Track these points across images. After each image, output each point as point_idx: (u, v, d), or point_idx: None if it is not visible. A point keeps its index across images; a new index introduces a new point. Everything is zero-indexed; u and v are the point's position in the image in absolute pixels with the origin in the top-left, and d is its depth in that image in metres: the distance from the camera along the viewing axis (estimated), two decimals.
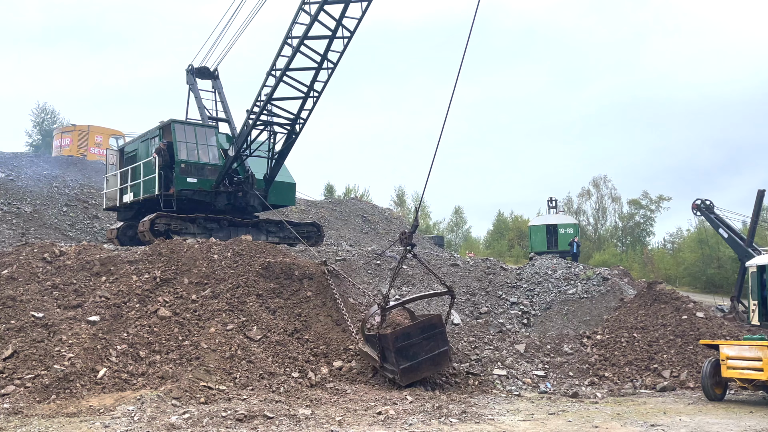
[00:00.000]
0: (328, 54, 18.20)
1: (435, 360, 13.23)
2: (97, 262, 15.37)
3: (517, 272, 21.46)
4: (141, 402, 10.33)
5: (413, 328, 13.38)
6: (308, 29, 17.67)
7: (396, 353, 12.78)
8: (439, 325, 13.45)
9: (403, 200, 75.32)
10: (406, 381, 12.84)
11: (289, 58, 18.17)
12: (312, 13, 17.54)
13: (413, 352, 12.95)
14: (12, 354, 11.59)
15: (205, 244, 16.94)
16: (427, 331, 13.28)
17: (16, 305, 13.10)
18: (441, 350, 13.28)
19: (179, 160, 20.05)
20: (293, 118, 19.53)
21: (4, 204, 25.64)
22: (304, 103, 19.11)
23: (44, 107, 63.33)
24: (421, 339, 13.10)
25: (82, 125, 41.23)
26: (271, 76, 18.71)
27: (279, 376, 12.77)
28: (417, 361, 12.94)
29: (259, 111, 19.08)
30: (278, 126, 19.84)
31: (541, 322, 18.40)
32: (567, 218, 48.01)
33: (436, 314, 14.26)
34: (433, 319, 13.67)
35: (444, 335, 13.52)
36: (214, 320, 14.00)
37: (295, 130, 19.87)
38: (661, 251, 62.90)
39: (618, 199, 71.48)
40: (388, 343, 12.86)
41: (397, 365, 12.78)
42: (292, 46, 18.13)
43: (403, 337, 13.00)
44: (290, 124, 19.73)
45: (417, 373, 13.01)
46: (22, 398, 10.55)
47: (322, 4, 17.33)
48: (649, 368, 15.58)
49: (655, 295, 18.15)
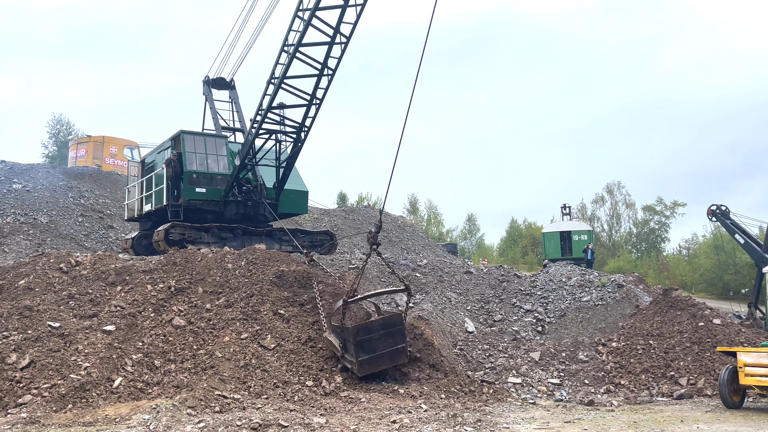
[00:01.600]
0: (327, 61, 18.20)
1: (392, 355, 13.92)
2: (112, 272, 15.49)
3: (531, 279, 21.37)
4: (156, 411, 10.37)
5: (374, 324, 14.03)
6: (302, 36, 17.70)
7: (356, 346, 13.45)
8: (398, 324, 14.14)
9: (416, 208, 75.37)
10: (363, 372, 13.52)
11: (285, 65, 18.20)
12: (305, 19, 17.57)
13: (372, 347, 13.61)
14: (29, 363, 11.68)
15: (219, 253, 17.03)
16: (387, 327, 13.95)
17: (33, 315, 13.23)
18: (399, 346, 13.98)
19: (187, 170, 20.23)
20: (297, 126, 19.59)
21: (20, 215, 25.92)
22: (308, 110, 19.16)
23: (60, 118, 64.04)
24: (380, 335, 13.77)
25: (97, 136, 41.63)
26: (271, 84, 18.75)
27: (293, 384, 12.77)
28: (375, 355, 13.62)
29: (261, 120, 19.15)
30: (282, 134, 19.90)
31: (555, 330, 18.30)
32: (581, 225, 47.76)
33: (397, 312, 14.90)
34: (393, 317, 14.36)
35: (403, 333, 14.16)
36: (229, 329, 14.05)
37: (300, 138, 19.90)
38: (677, 257, 62.42)
39: (632, 205, 71.12)
40: (350, 336, 13.51)
41: (356, 357, 13.41)
42: (288, 54, 18.19)
43: (364, 331, 13.65)
44: (295, 132, 19.78)
45: (374, 365, 13.68)
46: (39, 408, 10.62)
47: (314, 10, 17.40)
48: (666, 376, 15.44)
49: (671, 302, 18.00)
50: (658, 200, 69.26)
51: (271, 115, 19.11)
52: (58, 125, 63.83)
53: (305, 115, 19.28)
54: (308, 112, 19.22)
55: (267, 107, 18.86)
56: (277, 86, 18.42)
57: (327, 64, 18.20)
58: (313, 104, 18.95)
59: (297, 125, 19.57)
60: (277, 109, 19.25)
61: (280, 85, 18.36)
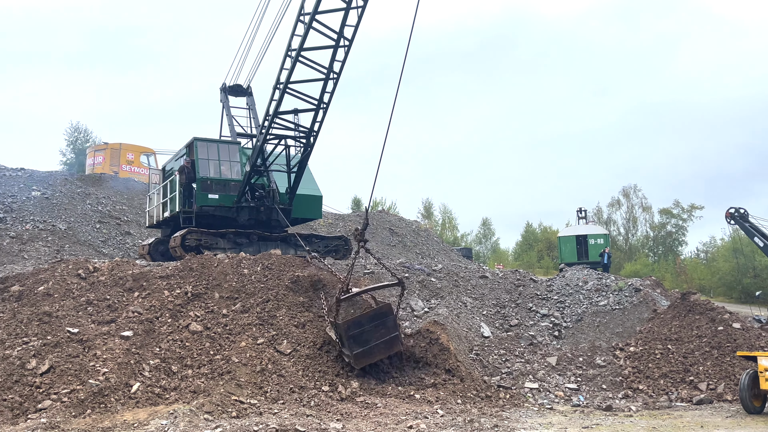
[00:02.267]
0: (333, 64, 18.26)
1: (387, 345, 14.25)
2: (129, 278, 15.61)
3: (548, 284, 21.25)
4: (174, 416, 10.42)
5: (364, 317, 14.31)
6: (303, 40, 17.77)
7: (349, 340, 13.86)
8: (389, 313, 14.44)
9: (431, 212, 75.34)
10: (360, 365, 13.91)
11: (288, 70, 18.28)
12: (306, 22, 17.63)
13: (365, 339, 13.96)
14: (48, 369, 11.80)
15: (235, 258, 17.11)
16: (378, 319, 14.25)
17: (52, 321, 13.36)
18: (392, 336, 14.30)
19: (200, 177, 20.39)
20: (305, 130, 19.64)
21: (39, 221, 26.22)
22: (315, 114, 19.21)
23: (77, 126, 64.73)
24: (372, 326, 14.10)
25: (114, 143, 42.11)
26: (277, 89, 18.85)
27: (309, 389, 12.79)
28: (369, 347, 13.97)
29: (268, 125, 19.21)
30: (291, 139, 19.95)
31: (572, 335, 18.17)
32: (597, 228, 47.54)
33: (386, 303, 15.17)
34: (383, 308, 14.63)
35: (394, 322, 14.45)
36: (245, 334, 14.11)
37: (309, 142, 19.93)
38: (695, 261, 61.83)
39: (649, 209, 70.66)
40: (343, 331, 13.91)
41: (351, 350, 13.81)
42: (292, 58, 18.26)
43: (354, 325, 13.98)
44: (304, 137, 19.82)
45: (370, 357, 14.02)
46: (58, 413, 10.72)
47: (314, 14, 17.46)
48: (685, 381, 15.27)
49: (690, 306, 17.81)
50: (675, 203, 68.84)
51: (278, 120, 19.18)
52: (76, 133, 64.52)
53: (313, 120, 19.34)
54: (316, 117, 19.28)
55: (273, 112, 18.93)
56: (282, 91, 18.47)
57: (333, 68, 18.26)
58: (320, 108, 19.00)
59: (305, 130, 19.63)
60: (289, 114, 19.32)
61: (284, 90, 18.41)
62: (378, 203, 67.98)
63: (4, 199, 27.47)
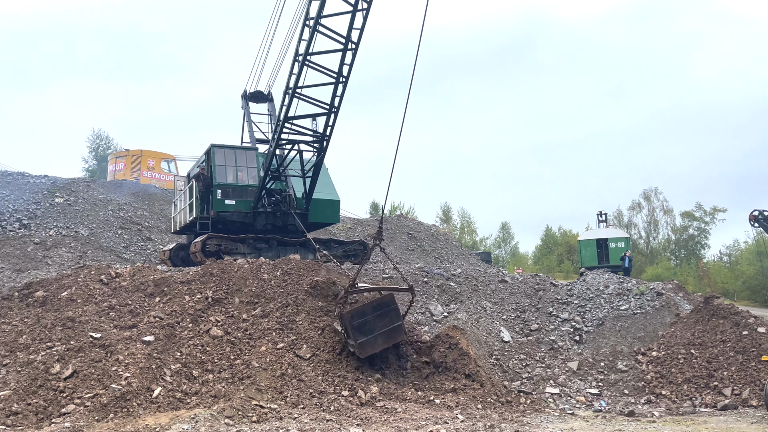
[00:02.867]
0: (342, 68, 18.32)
1: (390, 334, 14.49)
2: (151, 283, 15.75)
3: (568, 288, 21.08)
4: (195, 421, 10.49)
5: (367, 307, 14.54)
6: (309, 44, 17.84)
7: (353, 330, 14.11)
8: (391, 303, 14.70)
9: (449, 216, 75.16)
10: (365, 354, 14.09)
11: (296, 75, 18.34)
12: (311, 26, 17.71)
13: (369, 328, 14.23)
14: (72, 374, 11.93)
15: (254, 263, 17.19)
16: (380, 309, 14.51)
17: (75, 326, 13.52)
18: (395, 325, 14.56)
19: (216, 183, 20.58)
20: (318, 135, 19.69)
21: (62, 228, 26.59)
22: (327, 119, 19.26)
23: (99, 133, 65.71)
24: (374, 316, 14.36)
25: (135, 150, 42.61)
26: (286, 95, 18.91)
27: (329, 394, 12.80)
28: (372, 336, 14.22)
29: (279, 130, 19.29)
30: (304, 144, 20.03)
31: (593, 339, 18.00)
32: (617, 232, 47.08)
33: (388, 294, 15.32)
34: (385, 298, 14.88)
35: (397, 312, 14.68)
36: (265, 339, 14.17)
37: (322, 147, 19.97)
38: (718, 264, 61.00)
39: (670, 212, 69.88)
40: (347, 321, 14.20)
41: (355, 340, 14.03)
42: (299, 62, 18.34)
43: (358, 315, 14.25)
44: (316, 142, 19.87)
45: (374, 346, 14.23)
46: (81, 417, 10.83)
47: (317, 18, 17.52)
48: (709, 386, 15.06)
49: (713, 310, 17.56)
50: (697, 206, 67.95)
51: (289, 125, 19.27)
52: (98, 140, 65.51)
53: (325, 124, 19.41)
54: (327, 121, 19.35)
55: (284, 118, 19.02)
56: (291, 96, 18.55)
57: (341, 71, 18.33)
58: (332, 112, 19.05)
59: (318, 134, 19.69)
60: (300, 119, 19.40)
61: (293, 95, 18.50)
62: (396, 207, 68.00)
63: (28, 205, 27.89)
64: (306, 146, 20.16)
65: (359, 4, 17.49)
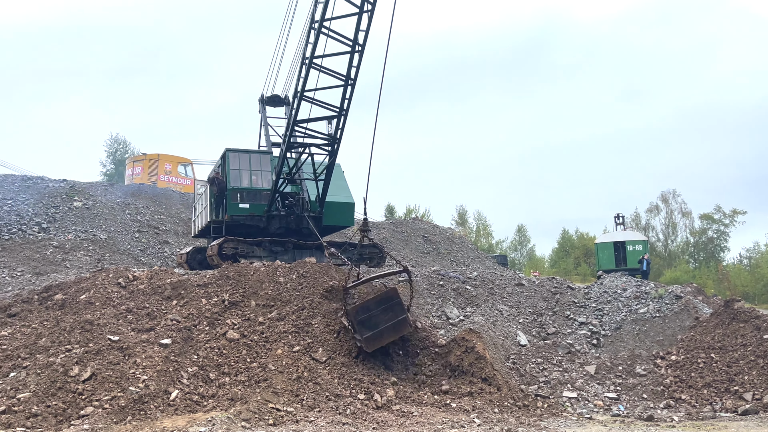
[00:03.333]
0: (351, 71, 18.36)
1: (395, 328, 14.64)
2: (168, 287, 15.85)
3: (585, 291, 20.91)
4: (212, 424, 10.52)
5: (371, 302, 14.74)
6: (314, 47, 17.90)
7: (358, 325, 14.38)
8: (395, 297, 14.84)
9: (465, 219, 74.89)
10: (371, 348, 14.28)
11: (303, 78, 18.37)
12: (316, 29, 17.77)
13: (374, 323, 14.43)
14: (90, 376, 12.03)
15: (270, 267, 17.24)
16: (384, 303, 14.67)
17: (94, 329, 13.63)
18: (399, 318, 14.68)
19: (231, 187, 20.67)
20: (328, 138, 19.71)
21: (81, 231, 26.85)
22: (338, 122, 19.27)
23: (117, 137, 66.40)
24: (379, 311, 14.54)
25: (152, 154, 42.96)
26: (295, 97, 18.94)
27: (345, 398, 12.79)
28: (378, 330, 14.40)
29: (288, 133, 19.32)
30: (315, 147, 20.06)
31: (611, 343, 17.84)
32: (635, 235, 46.67)
33: (392, 287, 15.51)
34: (389, 292, 15.03)
35: (401, 305, 14.81)
36: (281, 342, 14.19)
37: (333, 150, 19.98)
38: (738, 267, 60.24)
39: (688, 214, 69.09)
40: (352, 317, 14.46)
41: (361, 335, 14.29)
42: (306, 65, 18.37)
43: (362, 311, 14.49)
44: (328, 144, 19.88)
45: (380, 340, 14.42)
46: (100, 419, 10.91)
47: (321, 21, 17.56)
48: (729, 390, 14.85)
49: (733, 314, 17.33)
50: (716, 208, 67.09)
51: (299, 128, 19.32)
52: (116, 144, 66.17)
53: (335, 127, 19.44)
54: (338, 124, 19.37)
55: (293, 120, 19.07)
56: (299, 99, 18.60)
57: (350, 74, 18.36)
58: (341, 115, 19.08)
59: (328, 137, 19.72)
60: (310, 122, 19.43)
61: (301, 98, 18.54)
62: (411, 210, 67.88)
63: (47, 209, 28.21)
64: (317, 149, 20.22)
65: (364, 5, 17.56)
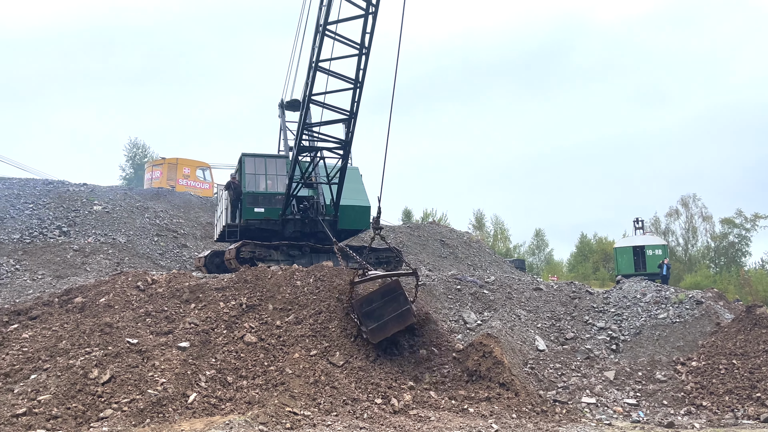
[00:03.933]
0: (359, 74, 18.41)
1: (399, 318, 14.89)
2: (186, 290, 15.95)
3: (604, 296, 20.72)
4: (230, 427, 10.55)
5: (374, 294, 15.03)
6: (319, 50, 17.95)
7: (363, 317, 14.66)
8: (398, 289, 15.13)
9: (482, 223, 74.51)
10: (376, 339, 14.56)
11: (311, 82, 18.41)
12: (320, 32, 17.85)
13: (378, 314, 14.69)
14: (110, 379, 12.12)
15: (288, 270, 17.29)
16: (388, 294, 14.96)
17: (113, 332, 13.74)
18: (403, 309, 14.94)
19: (246, 191, 20.80)
20: (339, 142, 19.73)
21: (101, 235, 27.12)
22: (348, 125, 19.29)
23: (136, 142, 67.02)
24: (383, 302, 14.82)
25: (171, 158, 43.25)
26: (304, 101, 19.00)
27: (362, 402, 12.77)
28: (383, 321, 14.67)
29: (299, 138, 19.36)
30: (326, 150, 20.09)
31: (630, 348, 17.65)
32: (655, 239, 46.15)
33: (394, 279, 15.63)
34: (391, 284, 15.29)
35: (404, 296, 15.11)
36: (298, 346, 14.21)
37: (345, 153, 19.98)
38: (760, 272, 59.36)
39: (709, 218, 68.18)
40: (357, 309, 14.79)
41: (366, 327, 14.57)
42: (312, 69, 18.45)
43: (366, 303, 14.79)
44: (339, 148, 19.90)
45: (384, 331, 14.66)
46: (119, 422, 10.99)
47: (325, 24, 17.63)
48: (752, 397, 14.63)
49: (755, 320, 17.07)
50: (738, 213, 66.18)
51: (310, 132, 19.38)
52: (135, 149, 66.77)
53: (346, 130, 19.48)
54: (348, 127, 19.41)
55: (302, 124, 19.12)
56: (306, 102, 18.66)
57: (358, 77, 18.40)
58: (351, 118, 19.10)
59: (339, 141, 19.74)
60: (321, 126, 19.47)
61: (309, 101, 18.62)
62: (428, 214, 67.65)
63: (68, 213, 28.53)
64: (328, 153, 20.26)
65: (369, 8, 17.62)
